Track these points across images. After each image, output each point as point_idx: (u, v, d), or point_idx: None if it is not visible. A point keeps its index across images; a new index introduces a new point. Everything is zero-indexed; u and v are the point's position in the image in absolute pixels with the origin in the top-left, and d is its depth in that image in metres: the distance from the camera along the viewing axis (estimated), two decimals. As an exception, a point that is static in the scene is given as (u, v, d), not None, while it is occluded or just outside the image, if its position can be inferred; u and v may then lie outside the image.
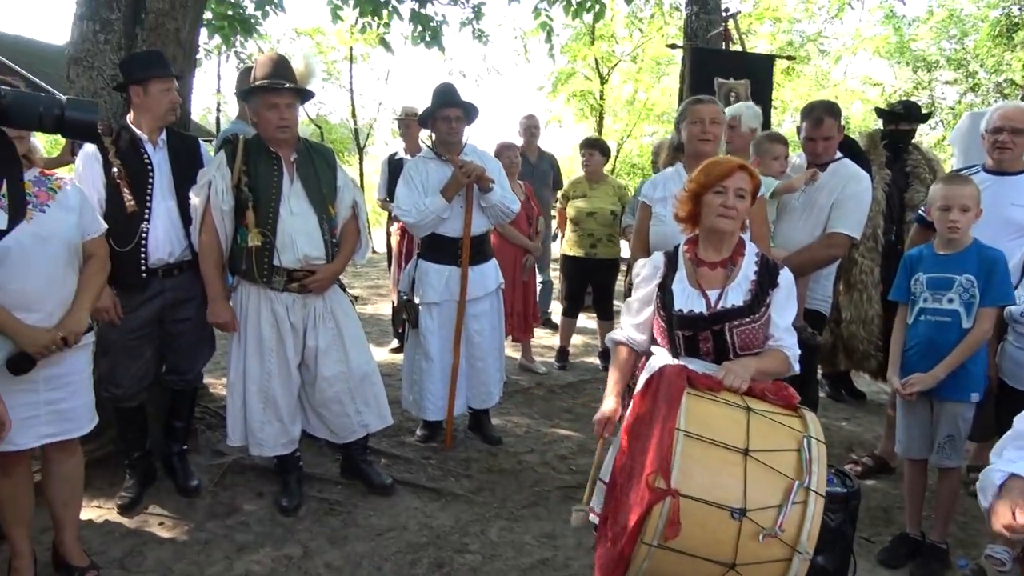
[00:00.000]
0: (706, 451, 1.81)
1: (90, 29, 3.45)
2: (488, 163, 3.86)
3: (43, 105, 1.34)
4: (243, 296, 3.18)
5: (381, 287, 9.32)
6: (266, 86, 3.03)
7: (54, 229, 2.40)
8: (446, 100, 3.74)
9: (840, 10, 16.25)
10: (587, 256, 5.45)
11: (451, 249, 3.80)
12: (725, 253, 2.30)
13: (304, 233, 3.10)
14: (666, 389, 1.92)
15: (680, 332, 2.24)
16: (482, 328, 3.93)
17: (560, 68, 18.09)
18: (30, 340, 2.34)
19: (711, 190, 2.26)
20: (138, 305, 3.13)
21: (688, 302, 2.24)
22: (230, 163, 3.06)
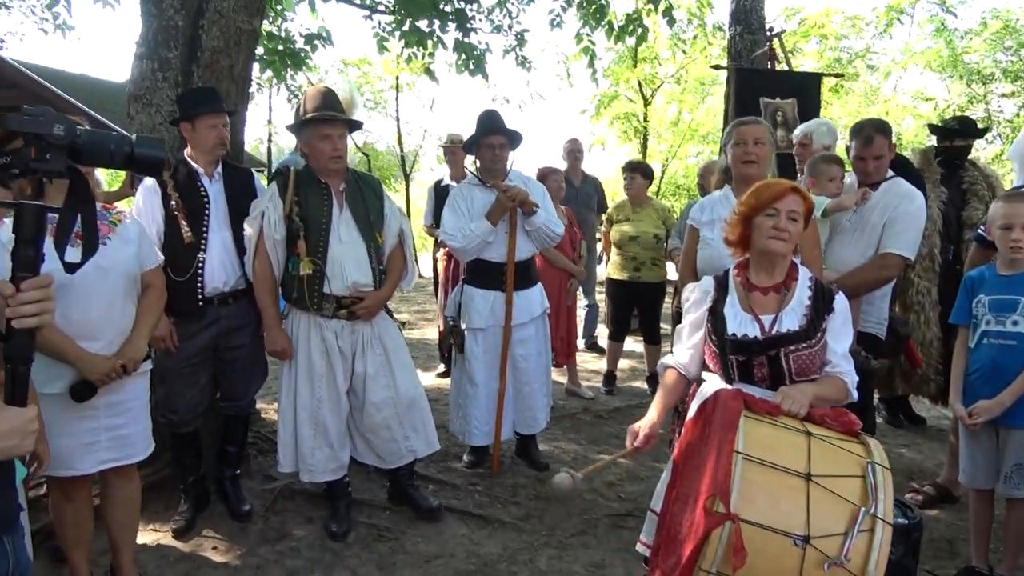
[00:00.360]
0: (766, 475, 1.76)
1: (149, 67, 3.60)
2: (532, 188, 3.88)
3: (114, 143, 1.40)
4: (294, 323, 3.24)
5: (428, 312, 9.40)
6: (318, 118, 3.10)
7: (115, 261, 2.49)
8: (489, 127, 3.79)
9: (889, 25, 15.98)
10: (631, 280, 5.43)
11: (496, 274, 3.82)
12: (778, 277, 2.26)
13: (353, 261, 3.15)
14: (722, 412, 1.89)
15: (734, 357, 2.20)
16: (528, 353, 3.92)
17: (603, 91, 18.17)
18: (92, 368, 2.42)
19: (762, 212, 2.23)
20: (194, 333, 3.21)
21: (741, 327, 2.21)
22: (282, 194, 3.14)
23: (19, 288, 1.33)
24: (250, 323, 3.33)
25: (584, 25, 6.39)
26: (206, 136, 3.20)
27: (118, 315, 2.53)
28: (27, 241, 1.34)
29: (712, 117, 18.78)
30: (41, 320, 1.35)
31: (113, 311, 2.51)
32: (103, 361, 2.45)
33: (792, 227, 2.21)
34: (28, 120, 1.31)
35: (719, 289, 2.32)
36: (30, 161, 1.31)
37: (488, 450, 4.02)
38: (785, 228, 2.20)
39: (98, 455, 2.53)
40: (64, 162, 1.34)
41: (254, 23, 3.80)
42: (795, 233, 2.22)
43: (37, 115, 1.31)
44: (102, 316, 2.47)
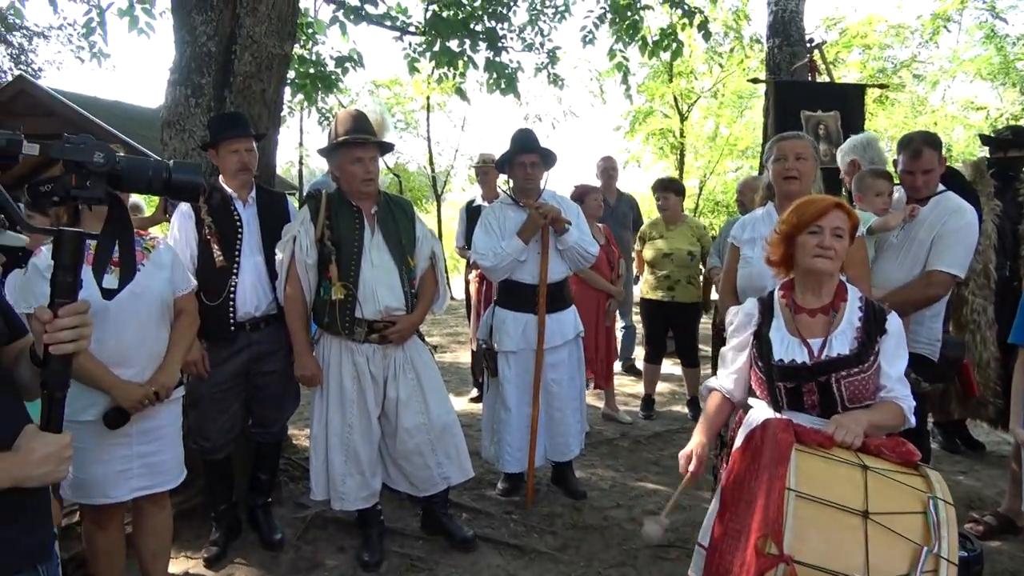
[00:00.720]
0: (821, 513, 1.72)
1: (182, 94, 3.70)
2: (566, 207, 3.89)
3: (152, 169, 1.44)
4: (325, 348, 3.27)
5: (460, 335, 9.43)
6: (349, 141, 3.16)
7: (148, 286, 2.55)
8: (523, 146, 3.81)
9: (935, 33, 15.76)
10: (665, 299, 5.41)
11: (528, 296, 3.83)
12: (825, 298, 2.23)
13: (385, 285, 3.18)
14: (771, 445, 1.85)
15: (781, 384, 2.16)
16: (560, 378, 3.91)
17: (637, 107, 18.17)
18: (125, 395, 2.47)
19: (806, 230, 2.21)
20: (226, 358, 3.26)
21: (788, 351, 2.17)
22: (313, 218, 3.19)
23: (57, 314, 1.37)
24: (282, 348, 3.37)
25: (617, 41, 6.43)
26: (228, 161, 3.28)
27: (151, 341, 2.59)
28: (66, 268, 1.38)
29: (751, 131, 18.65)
30: (78, 346, 1.38)
31: (146, 337, 2.56)
32: (136, 388, 2.50)
33: (838, 244, 2.17)
34: (70, 148, 1.35)
35: (764, 312, 2.29)
36: (71, 188, 1.36)
37: (523, 477, 3.99)
38: (830, 246, 2.16)
39: (131, 483, 2.58)
40: (104, 189, 1.38)
41: (285, 47, 3.89)
42: (841, 251, 2.18)
43: (78, 143, 1.36)
44: (135, 342, 2.53)
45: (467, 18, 6.01)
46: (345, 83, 6.80)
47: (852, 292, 2.25)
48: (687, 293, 5.39)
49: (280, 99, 4.08)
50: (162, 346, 2.63)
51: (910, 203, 3.35)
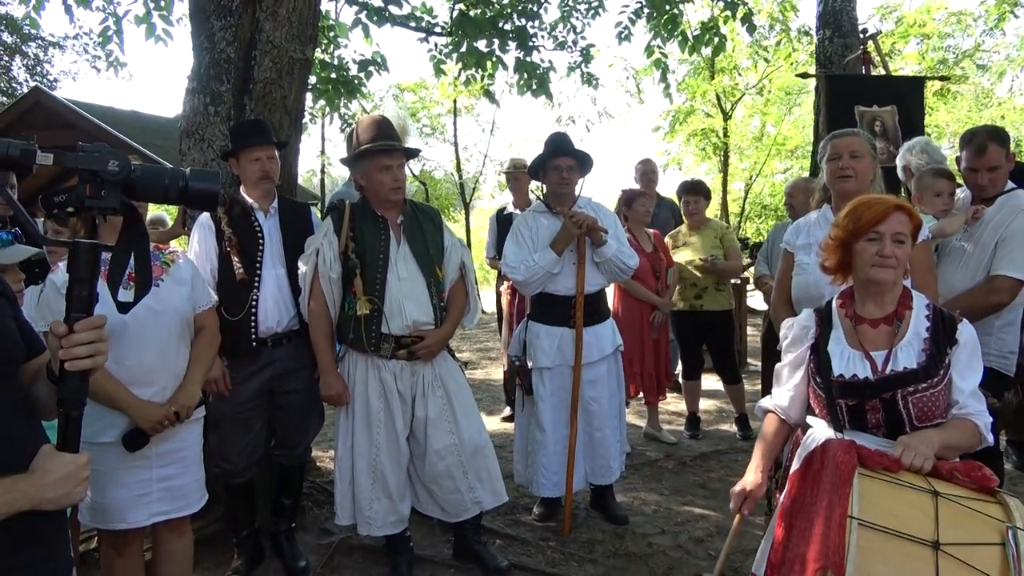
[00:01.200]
0: (887, 544, 1.68)
1: (201, 103, 3.78)
2: (603, 216, 3.88)
3: (168, 177, 1.47)
4: (350, 365, 3.30)
5: (491, 350, 9.44)
6: (377, 148, 3.19)
7: (168, 302, 2.60)
8: (557, 149, 3.82)
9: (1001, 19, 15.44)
10: (693, 309, 5.39)
11: (563, 309, 3.82)
12: (889, 307, 2.19)
13: (412, 298, 3.21)
14: (832, 469, 1.82)
15: (842, 401, 2.13)
16: (599, 395, 3.89)
17: (677, 106, 18.13)
18: (145, 416, 2.52)
19: (863, 237, 2.17)
20: (248, 376, 3.30)
21: (849, 366, 2.14)
22: (337, 230, 3.22)
23: (72, 328, 1.40)
24: (305, 366, 3.41)
25: (655, 37, 6.42)
26: (249, 170, 3.32)
27: (171, 359, 2.63)
28: (82, 280, 1.41)
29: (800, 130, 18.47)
30: (95, 362, 1.41)
31: (166, 355, 2.61)
32: (156, 409, 2.54)
33: (899, 251, 2.13)
34: (83, 156, 1.39)
35: (821, 323, 2.26)
36: (85, 198, 1.39)
37: (560, 502, 3.97)
38: (891, 254, 2.12)
39: (150, 507, 2.61)
40: (119, 198, 1.41)
41: (307, 52, 3.96)
42: (903, 258, 2.14)
43: (92, 151, 1.39)
44: (155, 361, 2.57)
45: (495, 16, 6.06)
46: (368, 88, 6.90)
47: (918, 299, 2.20)
48: (716, 301, 5.37)
49: (302, 106, 4.14)
50: (182, 364, 2.68)
51: (975, 203, 3.28)
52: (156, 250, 2.67)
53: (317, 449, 4.85)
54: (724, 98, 18.20)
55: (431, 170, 21.94)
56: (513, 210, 5.83)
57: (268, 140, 3.38)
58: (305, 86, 4.18)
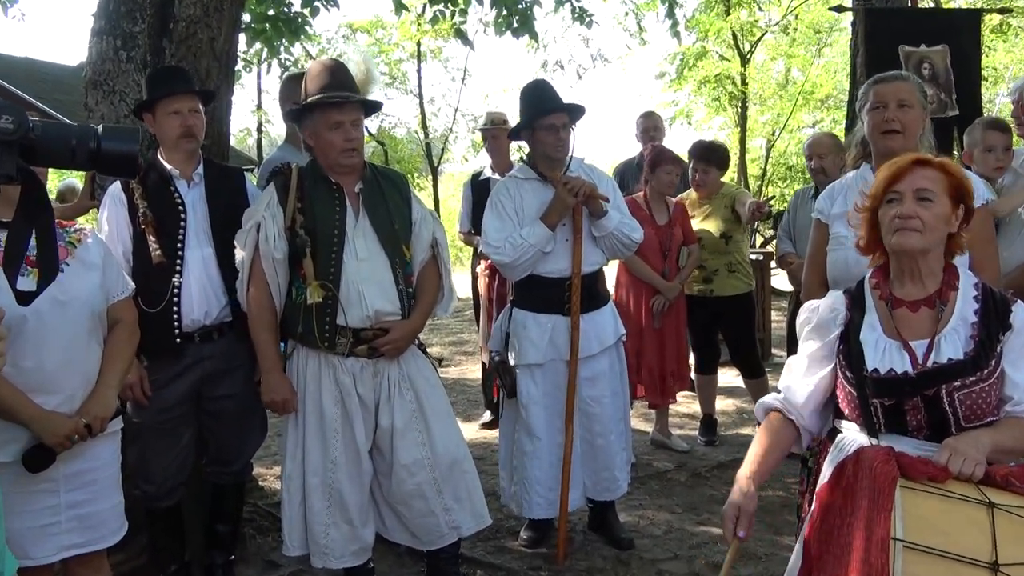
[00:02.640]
0: (936, 567, 1.70)
1: (110, 46, 3.73)
2: (599, 181, 3.88)
3: (76, 136, 1.44)
4: (300, 365, 3.27)
5: (467, 344, 9.45)
6: (326, 101, 3.15)
7: (75, 291, 2.55)
8: (548, 104, 3.79)
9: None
10: (702, 294, 5.41)
11: (556, 293, 3.81)
12: (930, 286, 2.20)
13: (374, 283, 3.19)
14: (869, 481, 1.84)
15: (878, 400, 2.14)
16: (599, 395, 3.89)
17: (686, 48, 18.13)
18: (49, 429, 2.48)
19: (884, 200, 2.19)
20: (171, 378, 3.28)
21: (885, 358, 2.15)
22: (282, 200, 3.19)
23: None
24: (242, 365, 3.39)
25: (660, -38, 6.42)
26: (168, 126, 3.28)
27: (80, 361, 2.59)
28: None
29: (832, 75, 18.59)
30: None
31: (74, 356, 2.57)
32: (63, 421, 2.50)
33: (924, 212, 2.13)
34: None
35: (853, 307, 2.26)
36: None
37: (553, 523, 3.99)
38: (912, 214, 2.13)
39: (58, 539, 2.58)
40: (15, 162, 1.38)
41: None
42: (931, 219, 2.13)
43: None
44: (60, 362, 2.53)
45: (469, -62, 6.03)
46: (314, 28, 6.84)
47: (965, 277, 2.22)
48: (728, 284, 5.37)
49: (233, 50, 4.10)
50: (94, 367, 2.64)
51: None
52: (60, 228, 2.63)
53: (259, 465, 4.84)
54: (742, 38, 18.24)
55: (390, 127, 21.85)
56: (492, 175, 5.82)
57: (189, 88, 3.34)
58: (238, 25, 4.13)
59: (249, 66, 9.14)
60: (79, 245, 2.63)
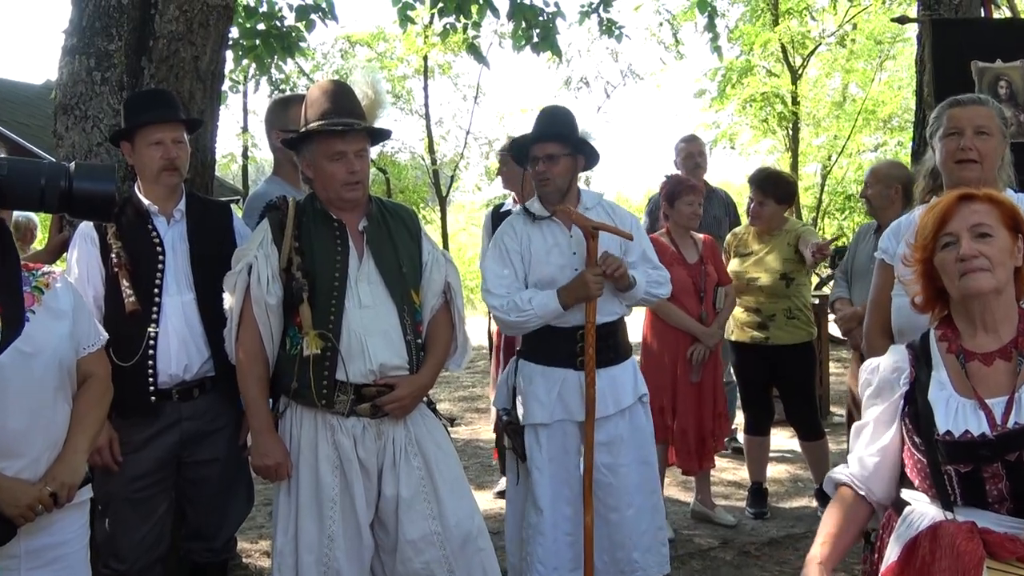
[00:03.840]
0: None
1: (83, 66, 3.80)
2: (620, 219, 3.93)
3: (45, 176, 1.45)
4: (293, 426, 3.27)
5: (479, 399, 9.42)
6: (327, 128, 3.18)
7: (42, 342, 2.57)
8: (536, 132, 3.88)
9: None
10: (756, 342, 5.38)
11: (566, 344, 3.82)
12: (1005, 335, 2.21)
13: (379, 333, 3.20)
14: (950, 561, 1.83)
15: (952, 468, 2.13)
16: (615, 463, 3.87)
17: (729, 62, 18.22)
18: (10, 499, 2.48)
19: (938, 246, 2.21)
20: (146, 441, 3.30)
21: (958, 419, 2.15)
22: (277, 238, 3.21)
23: None
24: (226, 426, 3.41)
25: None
26: (148, 158, 3.32)
27: (46, 420, 2.60)
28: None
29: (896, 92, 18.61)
30: None
31: (39, 415, 2.58)
32: (26, 489, 2.51)
33: (987, 247, 2.15)
34: None
35: (917, 363, 2.28)
36: None
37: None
38: (975, 253, 2.15)
39: (18, 626, 2.59)
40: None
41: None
42: (997, 255, 2.16)
43: None
44: (24, 422, 2.54)
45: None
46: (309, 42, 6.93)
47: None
48: (786, 332, 5.34)
49: (220, 69, 4.17)
50: (61, 427, 2.65)
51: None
52: (26, 271, 2.65)
53: (244, 540, 4.83)
54: (792, 51, 18.33)
55: (393, 153, 21.97)
56: (513, 206, 5.84)
57: (173, 116, 3.39)
58: (225, 42, 4.20)
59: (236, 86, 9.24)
60: (47, 291, 2.65)
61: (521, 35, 6.32)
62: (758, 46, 18.15)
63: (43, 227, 7.99)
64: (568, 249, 3.86)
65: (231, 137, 21.19)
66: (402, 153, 22.45)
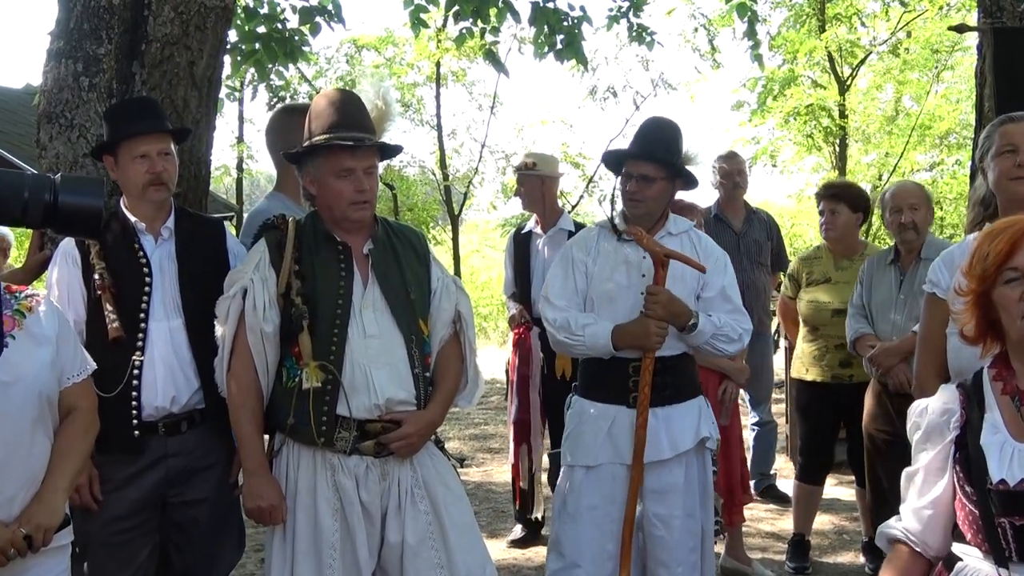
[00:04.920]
0: None
1: (70, 71, 3.83)
2: (707, 255, 3.91)
3: (29, 188, 1.47)
4: (289, 465, 3.28)
5: (492, 438, 9.40)
6: (335, 143, 3.20)
7: (21, 371, 2.58)
8: (637, 147, 3.87)
9: None
10: (835, 382, 5.31)
11: (619, 378, 3.83)
12: None
13: (385, 365, 3.21)
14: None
15: (1006, 520, 2.14)
16: (668, 514, 3.84)
17: (771, 72, 18.21)
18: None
19: (1000, 280, 2.20)
20: (128, 479, 3.30)
21: (1014, 466, 2.15)
22: (275, 260, 3.23)
23: None
24: (216, 464, 3.43)
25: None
26: (133, 172, 3.34)
27: (23, 456, 2.61)
28: None
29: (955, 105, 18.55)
30: None
31: (16, 450, 2.59)
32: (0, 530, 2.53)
33: None
34: None
35: (969, 404, 2.28)
36: None
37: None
38: None
39: None
40: None
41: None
42: None
43: None
44: (1, 457, 2.57)
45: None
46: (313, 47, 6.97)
47: None
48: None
49: (217, 75, 4.20)
50: (39, 464, 2.66)
51: None
52: (7, 293, 2.68)
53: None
54: (840, 60, 18.32)
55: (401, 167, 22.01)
56: (535, 228, 5.85)
57: (159, 126, 3.41)
58: (223, 46, 4.23)
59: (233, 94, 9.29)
60: (29, 314, 2.66)
61: (543, 41, 6.33)
62: (802, 54, 18.15)
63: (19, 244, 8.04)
64: (637, 271, 3.85)
65: (224, 147, 21.24)
66: (411, 167, 22.45)
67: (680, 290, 3.76)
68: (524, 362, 5.61)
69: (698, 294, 3.87)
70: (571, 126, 20.98)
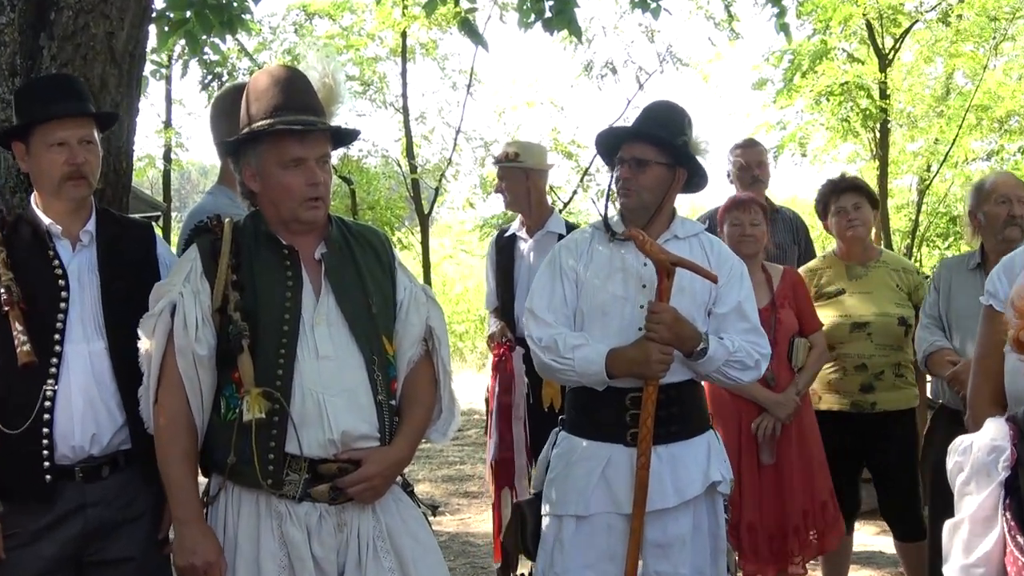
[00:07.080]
0: None
1: (-36, 45, 3.84)
2: (721, 263, 3.91)
3: None
4: (229, 513, 3.27)
5: (470, 479, 9.42)
6: (281, 128, 3.19)
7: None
8: (632, 128, 3.92)
9: None
10: (857, 410, 5.32)
11: (614, 412, 3.84)
12: None
13: (341, 392, 3.20)
14: None
15: None
16: (675, 573, 3.84)
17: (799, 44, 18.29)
18: None
19: None
20: (37, 534, 3.29)
21: None
22: (208, 270, 3.22)
23: None
24: (143, 515, 3.42)
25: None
26: (48, 163, 3.33)
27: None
28: None
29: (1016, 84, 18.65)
30: None
31: None
32: None
33: None
34: None
35: (1021, 440, 2.28)
36: None
37: None
38: None
39: None
40: None
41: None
42: None
43: None
44: None
45: None
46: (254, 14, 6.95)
47: None
48: (895, 395, 5.31)
49: (140, 49, 4.20)
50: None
51: None
52: None
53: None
54: (881, 30, 18.41)
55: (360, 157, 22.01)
56: (520, 231, 5.86)
57: (81, 109, 3.41)
58: (147, 16, 4.24)
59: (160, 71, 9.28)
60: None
61: (529, 8, 6.33)
62: (837, 23, 18.19)
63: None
64: (636, 280, 3.84)
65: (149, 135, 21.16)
66: (372, 157, 22.42)
67: (688, 304, 3.77)
68: (506, 389, 5.60)
69: (709, 309, 3.88)
70: (562, 109, 20.90)
